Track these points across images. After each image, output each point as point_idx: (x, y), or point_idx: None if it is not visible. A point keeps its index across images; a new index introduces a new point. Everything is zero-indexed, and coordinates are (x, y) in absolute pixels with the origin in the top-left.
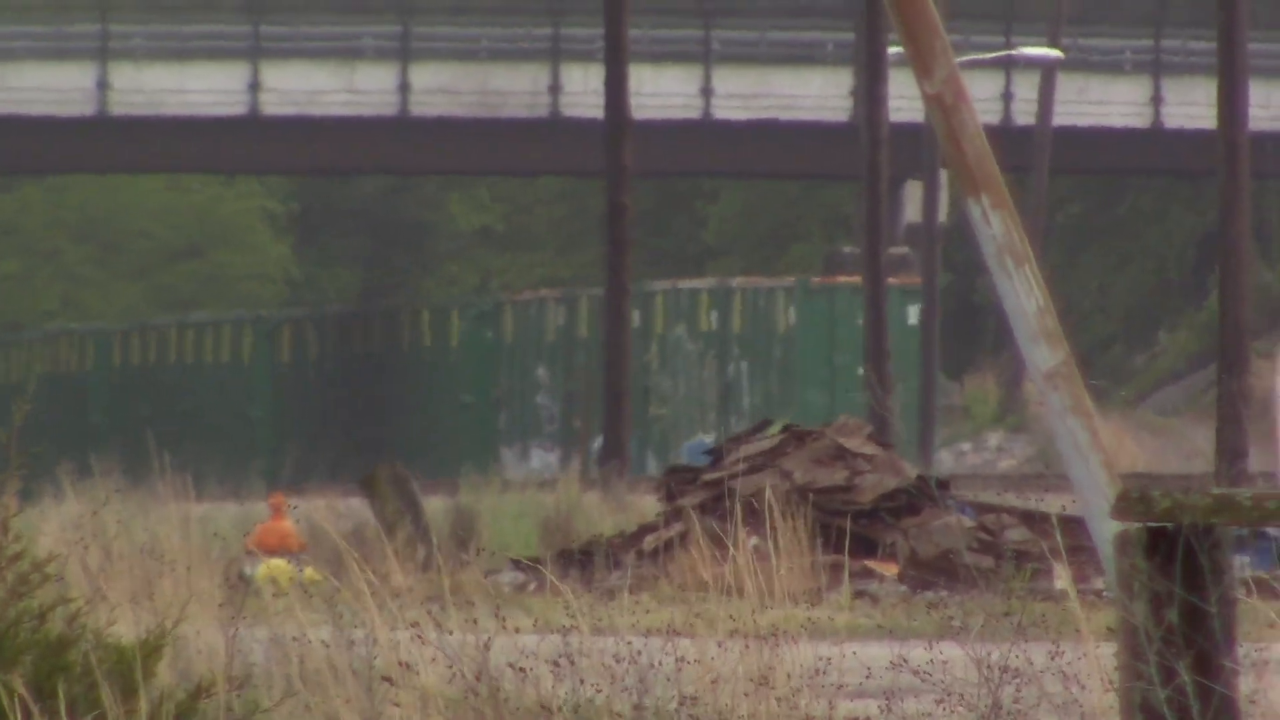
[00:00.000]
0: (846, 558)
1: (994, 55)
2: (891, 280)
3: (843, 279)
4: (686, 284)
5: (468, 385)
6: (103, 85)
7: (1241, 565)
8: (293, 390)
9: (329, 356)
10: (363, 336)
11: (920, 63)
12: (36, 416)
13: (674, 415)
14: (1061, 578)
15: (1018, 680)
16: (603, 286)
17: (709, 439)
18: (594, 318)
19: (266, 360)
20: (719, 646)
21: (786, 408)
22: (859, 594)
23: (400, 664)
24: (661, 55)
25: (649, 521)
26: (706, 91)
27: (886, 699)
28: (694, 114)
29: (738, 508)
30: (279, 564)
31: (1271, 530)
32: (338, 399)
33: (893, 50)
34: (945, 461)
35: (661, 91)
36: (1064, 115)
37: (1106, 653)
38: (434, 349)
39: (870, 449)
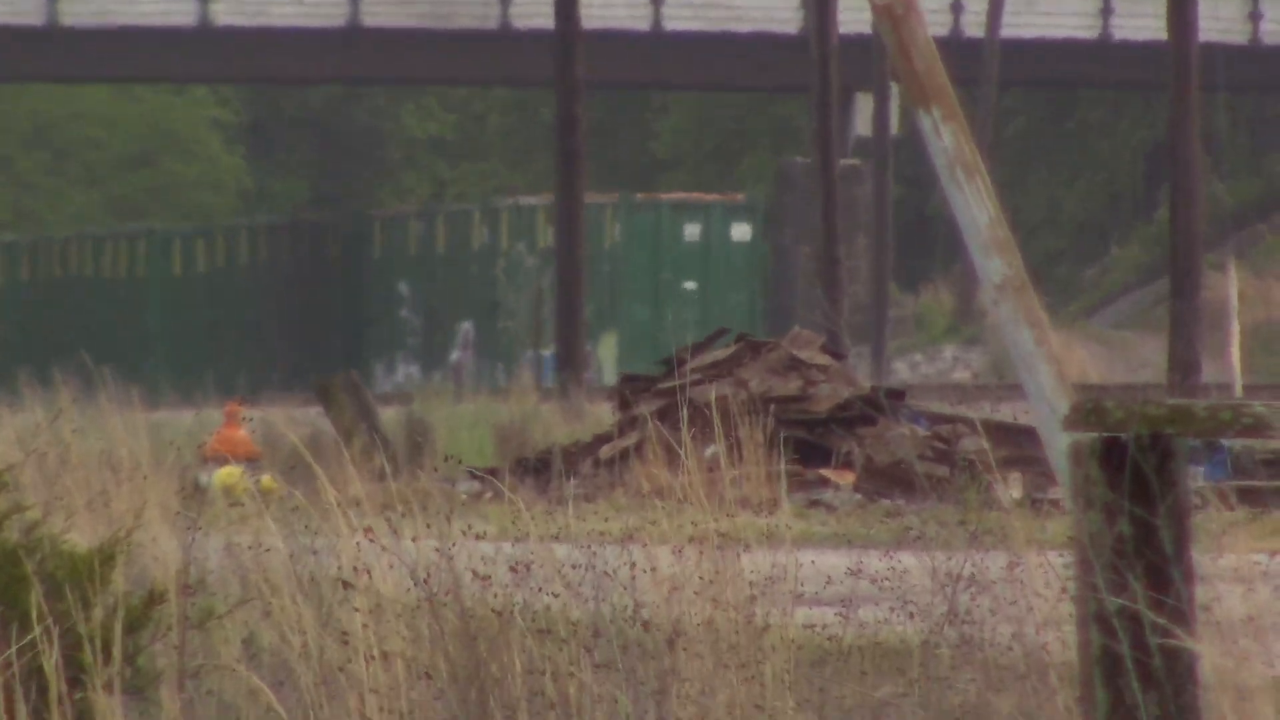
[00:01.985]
0: (798, 466)
1: None
2: (715, 197)
3: (666, 196)
4: (526, 200)
5: (340, 301)
6: None
7: (1195, 476)
8: (244, 299)
9: (273, 264)
10: (291, 247)
11: None
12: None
13: (518, 329)
14: (1013, 487)
15: (973, 589)
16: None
17: (549, 352)
18: (451, 234)
19: (220, 269)
20: (675, 554)
21: (613, 323)
22: (814, 502)
23: (356, 570)
24: None
25: (604, 431)
26: (656, 1)
27: (843, 607)
28: (644, 25)
29: (693, 415)
30: (234, 471)
31: (1226, 441)
32: (281, 308)
33: None
34: (900, 372)
35: (611, 1)
36: (1013, 27)
37: (1060, 562)
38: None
39: (823, 360)
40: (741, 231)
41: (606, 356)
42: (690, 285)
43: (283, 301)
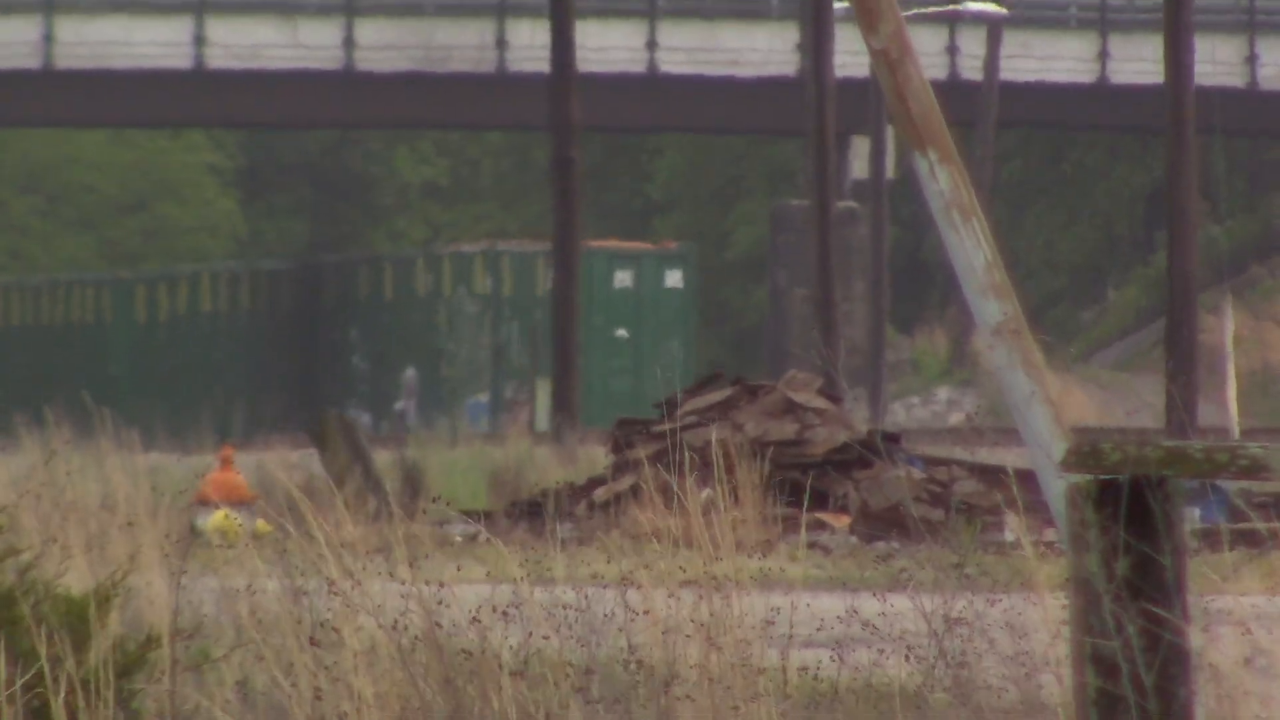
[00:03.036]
0: (794, 509)
1: (940, 9)
2: (650, 245)
3: (597, 243)
4: (468, 247)
5: (287, 347)
6: (48, 38)
7: (1192, 518)
8: (204, 345)
9: (231, 311)
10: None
11: (866, 17)
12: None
13: (458, 376)
14: (1013, 529)
15: (966, 631)
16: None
17: (484, 399)
18: (396, 281)
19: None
20: (670, 597)
21: (548, 369)
22: (810, 545)
23: (342, 610)
24: (607, 9)
25: (599, 474)
26: (652, 45)
27: (837, 649)
28: (640, 68)
29: (688, 459)
30: (228, 515)
31: (1222, 483)
32: (237, 354)
33: (838, 5)
34: (896, 415)
35: (607, 45)
36: (1010, 70)
37: (1055, 604)
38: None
39: (820, 403)
40: (674, 279)
41: (541, 401)
42: (622, 333)
43: (239, 348)
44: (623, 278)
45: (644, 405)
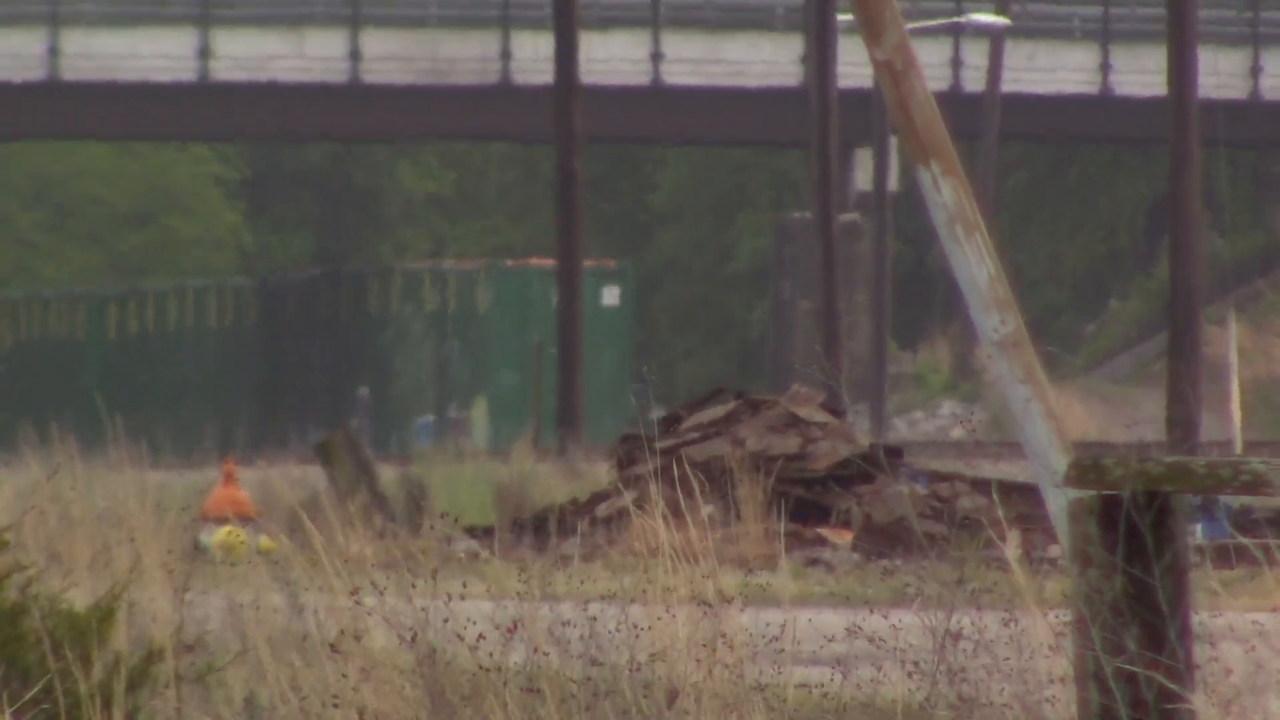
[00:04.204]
0: (797, 525)
1: (943, 22)
2: (588, 262)
3: (535, 262)
4: (414, 265)
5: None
6: (54, 51)
7: (1194, 534)
8: (172, 361)
9: (198, 327)
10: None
11: (870, 29)
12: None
13: (405, 394)
14: (1012, 546)
15: (970, 647)
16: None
17: (430, 418)
18: (351, 298)
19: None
20: (670, 614)
21: (484, 386)
22: (813, 561)
23: (344, 631)
24: (611, 21)
25: (602, 489)
26: (656, 57)
27: (840, 666)
28: (643, 79)
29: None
30: (233, 531)
31: (1225, 499)
32: (206, 370)
33: (842, 17)
34: (899, 429)
35: (611, 57)
36: (1013, 82)
37: (1059, 620)
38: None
39: (823, 417)
40: (611, 295)
41: (479, 420)
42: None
43: (207, 364)
44: None
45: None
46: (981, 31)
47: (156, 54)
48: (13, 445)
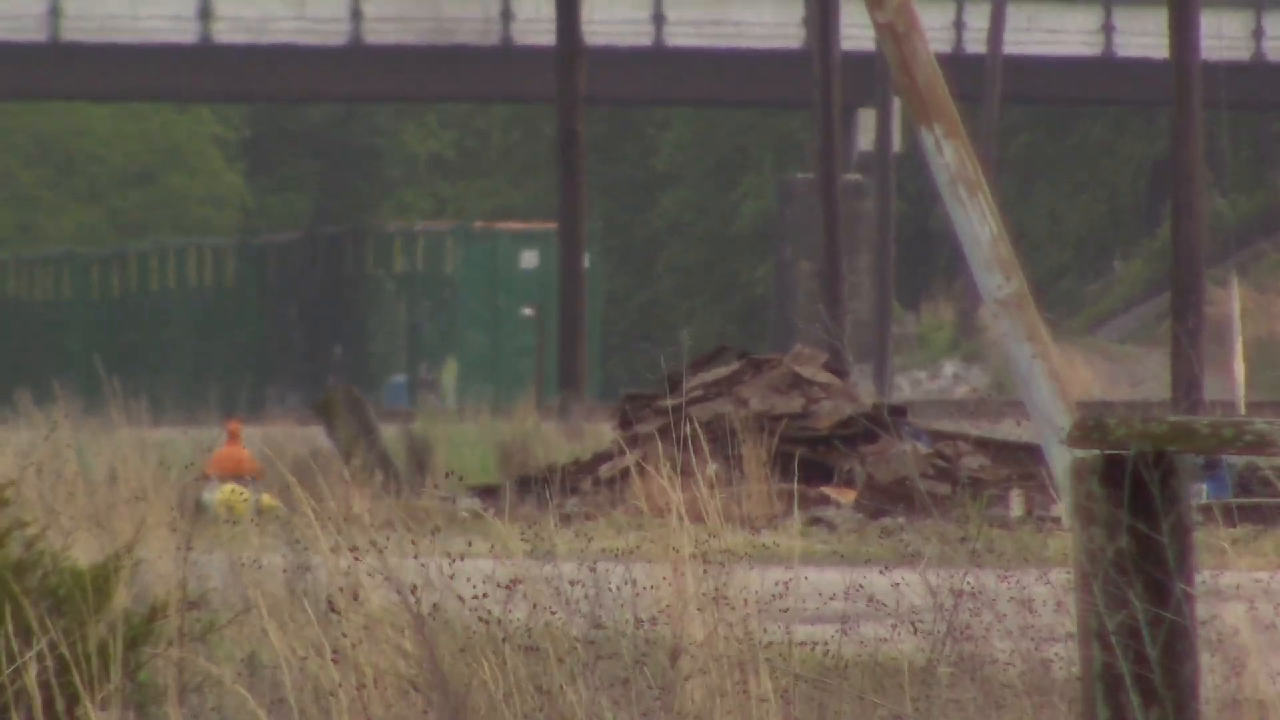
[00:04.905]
0: (800, 484)
1: None
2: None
3: (502, 225)
4: (387, 227)
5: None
6: (55, 11)
7: (1198, 493)
8: (156, 322)
9: (180, 288)
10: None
11: None
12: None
13: (378, 354)
14: (1015, 504)
15: (973, 605)
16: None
17: (402, 378)
18: (327, 260)
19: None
20: (675, 572)
21: (453, 348)
22: (816, 520)
23: (343, 589)
24: None
25: (605, 449)
26: (658, 18)
27: (843, 624)
28: (646, 41)
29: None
30: (235, 490)
31: (1228, 458)
32: (186, 332)
33: None
34: (902, 388)
35: (614, 19)
36: (1015, 44)
37: (1062, 579)
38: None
39: (825, 377)
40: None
41: (449, 382)
42: (528, 311)
43: (188, 325)
44: (529, 257)
45: (549, 386)
46: None
47: (157, 15)
48: (6, 406)
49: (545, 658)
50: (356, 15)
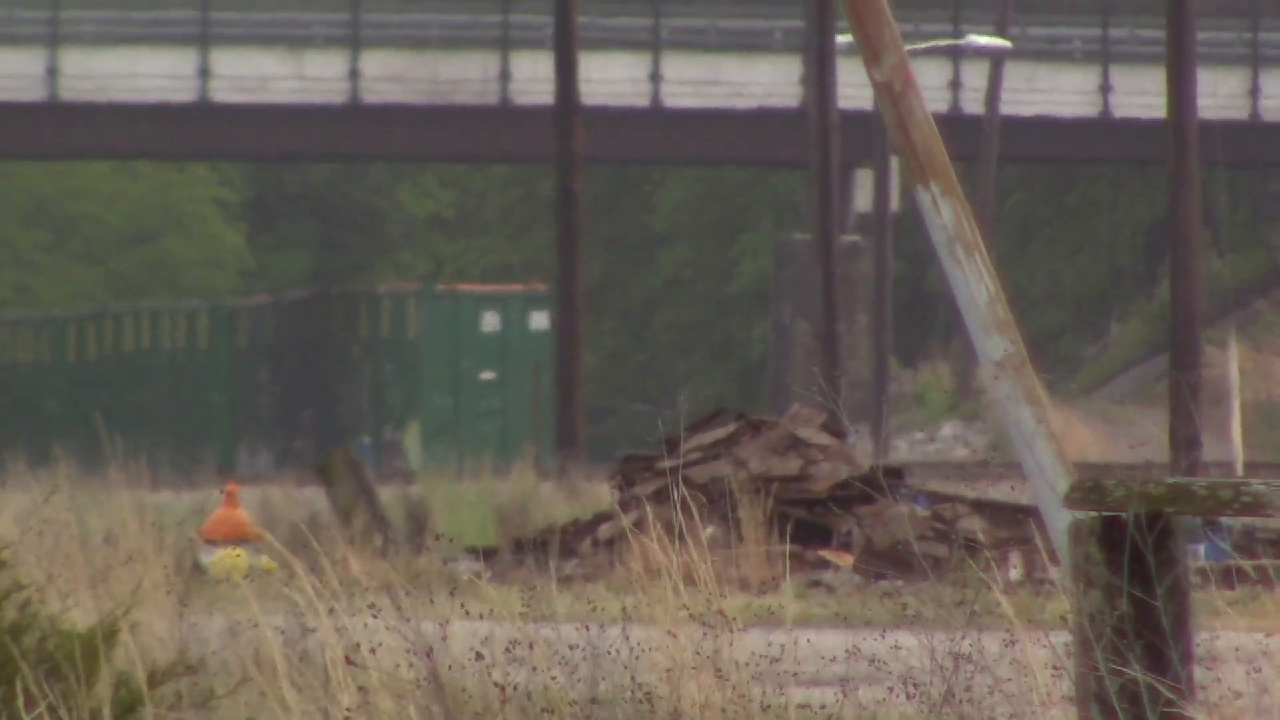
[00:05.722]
0: (798, 546)
1: (943, 44)
2: (519, 287)
3: (465, 286)
4: (352, 289)
5: (213, 388)
6: (52, 70)
7: (1195, 555)
8: (130, 384)
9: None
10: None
11: (869, 50)
12: None
13: (345, 416)
14: (1013, 567)
15: (971, 668)
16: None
17: (367, 440)
18: (295, 322)
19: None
20: (672, 635)
21: (415, 411)
22: (814, 583)
23: (345, 656)
24: (611, 42)
25: (603, 510)
26: (656, 78)
27: (842, 686)
28: (643, 100)
29: (693, 496)
30: (233, 552)
31: (1226, 520)
32: (159, 394)
33: (842, 38)
34: (900, 450)
35: (611, 78)
36: (1012, 104)
37: (1060, 642)
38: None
39: (823, 438)
40: (540, 320)
41: (411, 445)
42: (489, 375)
43: (163, 387)
44: (490, 320)
45: (512, 447)
46: (981, 53)
47: (155, 74)
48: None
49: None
50: (354, 75)
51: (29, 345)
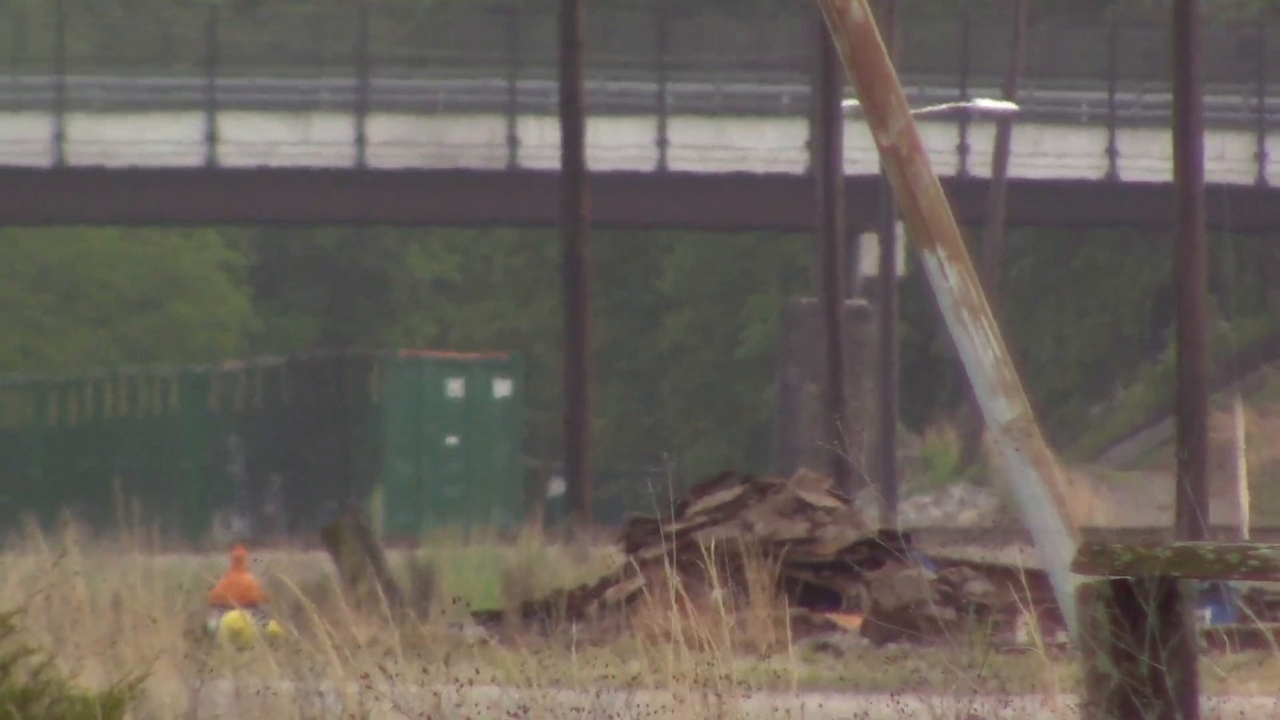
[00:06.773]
0: (806, 609)
1: (949, 107)
2: (477, 355)
3: (427, 353)
4: (320, 354)
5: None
6: (60, 136)
7: (1202, 619)
8: (107, 449)
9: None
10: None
11: (875, 115)
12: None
13: (312, 481)
14: (1026, 628)
15: None
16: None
17: (334, 506)
18: (264, 389)
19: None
20: (678, 700)
21: (378, 477)
22: (822, 646)
23: (354, 717)
24: (617, 108)
25: (610, 574)
26: (662, 143)
27: None
28: (649, 165)
29: (701, 559)
30: (242, 616)
31: (1233, 584)
32: (133, 459)
33: (847, 103)
34: (907, 513)
35: (617, 143)
36: (1019, 167)
37: (1067, 705)
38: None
39: (830, 502)
40: (503, 388)
41: (374, 511)
42: (452, 440)
43: (140, 452)
44: (454, 387)
45: (475, 512)
46: (987, 117)
47: (162, 139)
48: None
49: None
50: (361, 140)
51: (16, 410)
